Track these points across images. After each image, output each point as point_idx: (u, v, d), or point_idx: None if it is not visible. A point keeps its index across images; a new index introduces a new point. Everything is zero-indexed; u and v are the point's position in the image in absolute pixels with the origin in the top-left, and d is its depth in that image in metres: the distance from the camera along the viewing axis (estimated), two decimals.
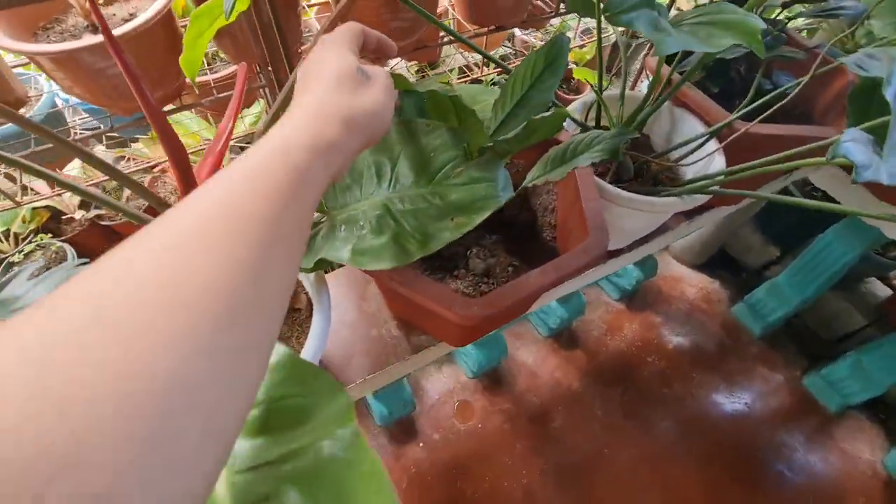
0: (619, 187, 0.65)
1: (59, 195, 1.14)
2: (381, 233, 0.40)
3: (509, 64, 1.03)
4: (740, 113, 0.60)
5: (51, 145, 0.70)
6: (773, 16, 0.72)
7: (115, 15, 0.68)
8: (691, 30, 0.39)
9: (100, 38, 0.60)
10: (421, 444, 1.13)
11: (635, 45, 1.32)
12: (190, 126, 1.26)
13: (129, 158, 1.27)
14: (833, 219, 1.10)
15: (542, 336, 1.30)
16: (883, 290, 1.28)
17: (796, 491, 1.11)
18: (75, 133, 0.72)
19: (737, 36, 0.37)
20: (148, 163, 1.13)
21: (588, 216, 0.52)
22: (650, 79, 0.75)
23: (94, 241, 1.32)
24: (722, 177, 0.59)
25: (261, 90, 0.73)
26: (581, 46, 1.38)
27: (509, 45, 1.83)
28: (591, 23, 1.62)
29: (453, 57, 1.41)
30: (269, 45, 0.57)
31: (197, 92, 0.74)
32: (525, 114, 0.49)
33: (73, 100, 0.87)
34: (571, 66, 1.37)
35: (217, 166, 0.44)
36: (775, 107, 0.57)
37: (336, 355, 0.64)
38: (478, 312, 0.44)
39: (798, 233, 1.28)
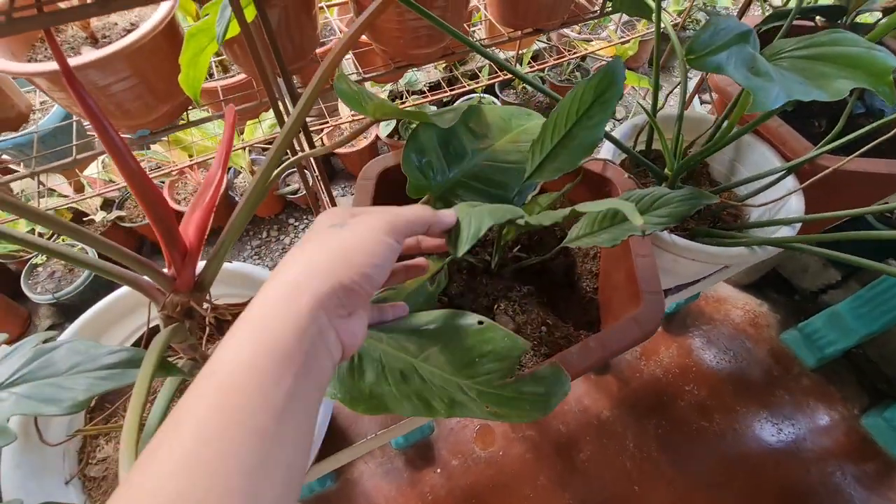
0: (671, 228, 0.56)
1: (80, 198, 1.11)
2: (405, 382, 0.32)
3: (542, 64, 0.93)
4: (828, 147, 0.50)
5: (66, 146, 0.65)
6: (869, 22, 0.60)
7: (116, 24, 0.62)
8: (795, 67, 0.30)
9: (99, 53, 0.55)
10: (438, 470, 1.07)
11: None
12: (209, 129, 1.22)
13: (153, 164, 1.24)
14: None
15: None
16: None
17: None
18: (74, 153, 0.67)
19: (860, 78, 0.28)
20: (162, 168, 1.09)
21: (640, 276, 0.43)
22: (711, 92, 0.64)
23: (115, 240, 1.31)
24: (799, 225, 0.50)
25: (279, 100, 0.67)
26: (623, 42, 1.25)
27: (544, 40, 1.71)
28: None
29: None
30: (276, 57, 0.50)
31: (200, 105, 0.68)
32: (566, 155, 0.41)
33: None
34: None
35: (205, 222, 0.38)
36: (877, 141, 0.47)
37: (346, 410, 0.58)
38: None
39: (865, 255, 1.14)
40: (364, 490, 1.05)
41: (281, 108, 0.67)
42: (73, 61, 0.52)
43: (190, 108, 0.70)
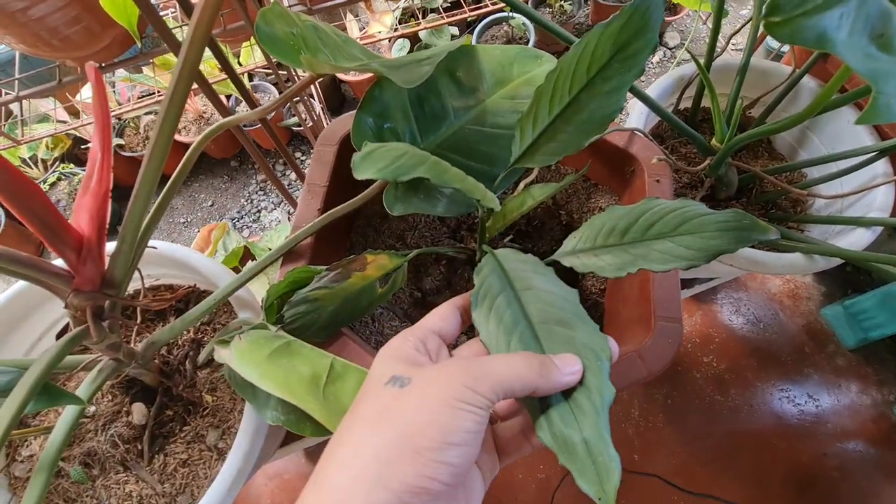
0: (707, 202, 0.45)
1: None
2: None
3: None
4: None
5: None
6: None
7: None
8: None
9: None
10: None
11: None
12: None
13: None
14: None
15: None
16: None
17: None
18: (19, 89, 0.59)
19: None
20: (158, 93, 1.00)
21: (655, 297, 0.34)
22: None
23: (117, 171, 1.26)
24: (881, 229, 0.38)
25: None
26: None
27: None
28: None
29: None
30: None
31: (138, 37, 0.58)
32: (569, 134, 0.31)
33: None
34: None
35: (102, 207, 0.30)
36: None
37: None
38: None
39: None
40: None
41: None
42: None
43: (145, 34, 0.59)
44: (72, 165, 1.23)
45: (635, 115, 0.44)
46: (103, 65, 0.57)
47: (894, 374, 1.11)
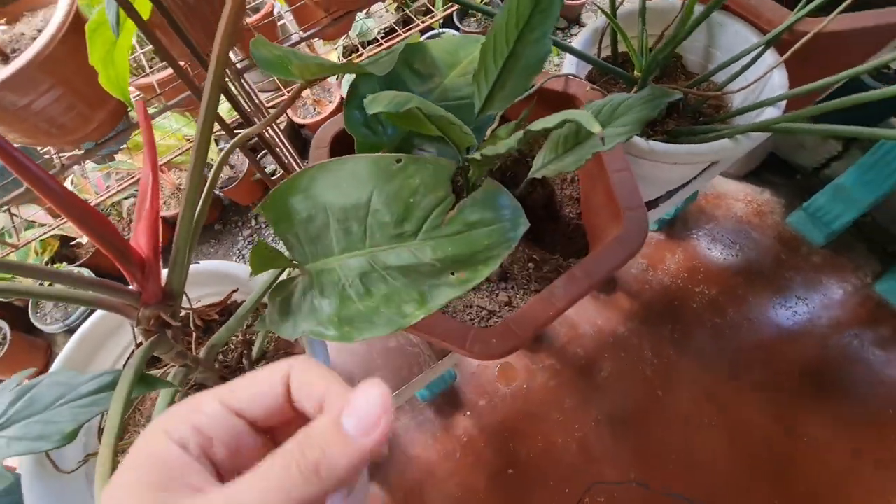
0: (650, 132, 0.53)
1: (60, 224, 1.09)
2: (369, 294, 0.31)
3: None
4: (807, 9, 0.45)
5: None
6: None
7: (23, 34, 0.57)
8: None
9: (9, 69, 0.51)
10: (468, 413, 1.11)
11: None
12: (167, 126, 1.17)
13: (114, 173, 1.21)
14: None
15: None
16: None
17: (877, 404, 1.04)
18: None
19: None
20: (133, 176, 1.06)
21: (618, 194, 0.41)
22: None
23: (108, 262, 1.30)
24: (784, 102, 0.46)
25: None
26: None
27: None
28: None
29: None
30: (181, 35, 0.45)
31: (133, 106, 0.64)
32: (515, 79, 0.38)
33: None
34: None
35: (154, 230, 0.36)
36: None
37: (356, 373, 0.59)
38: (498, 348, 0.37)
39: (863, 120, 1.09)
40: (401, 444, 1.10)
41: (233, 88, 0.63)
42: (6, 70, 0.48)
43: (129, 109, 0.66)
44: (65, 264, 1.26)
45: (567, 66, 0.52)
46: (98, 142, 0.63)
47: (866, 257, 1.21)
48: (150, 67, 0.83)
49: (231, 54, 0.68)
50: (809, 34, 0.45)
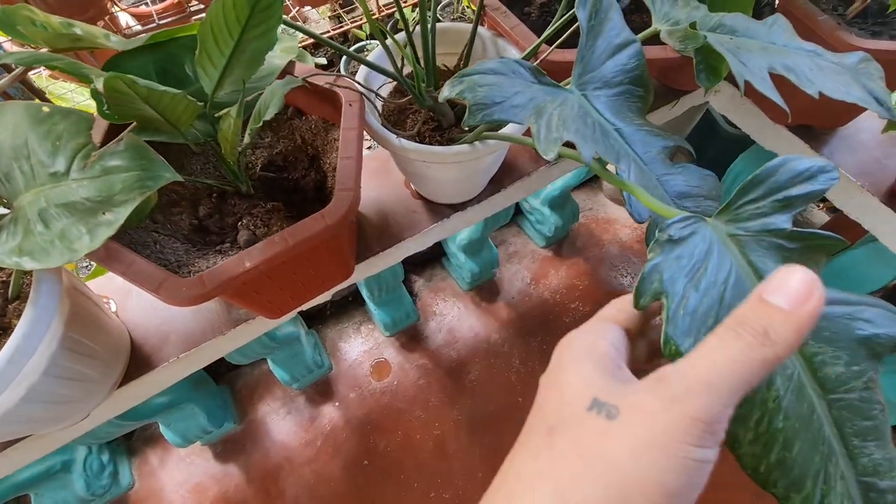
0: (438, 137, 0.60)
1: None
2: (48, 229, 0.36)
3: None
4: (541, 38, 0.53)
5: None
6: None
7: None
8: None
9: None
10: (337, 404, 1.15)
11: None
12: None
13: None
14: (749, 144, 1.01)
15: (464, 290, 1.28)
16: (820, 218, 1.20)
17: None
18: None
19: None
20: None
21: (338, 177, 0.48)
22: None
23: None
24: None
25: None
26: None
27: None
28: None
29: None
30: None
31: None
32: (245, 64, 0.44)
33: None
34: None
35: None
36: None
37: (153, 334, 0.63)
38: (186, 295, 0.42)
39: (724, 161, 1.19)
40: (267, 429, 1.13)
41: None
42: None
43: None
44: None
45: (360, 73, 0.59)
46: None
47: None
48: None
49: None
50: (539, 60, 0.52)
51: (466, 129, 0.58)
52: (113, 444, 1.02)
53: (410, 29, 0.60)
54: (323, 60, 1.49)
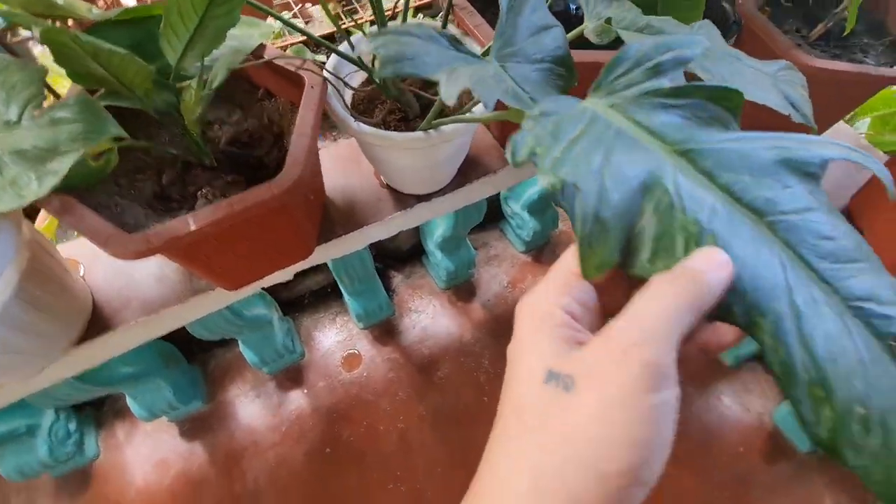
0: (403, 127, 0.62)
1: None
2: (2, 175, 0.39)
3: None
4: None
5: None
6: None
7: None
8: None
9: None
10: (306, 392, 1.17)
11: None
12: None
13: None
14: None
15: (440, 288, 1.30)
16: None
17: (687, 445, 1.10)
18: None
19: None
20: None
21: (291, 150, 0.50)
22: None
23: None
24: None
25: None
26: None
27: None
28: None
29: None
30: None
31: None
32: (208, 41, 0.47)
33: None
34: None
35: None
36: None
37: (115, 297, 0.65)
38: (130, 249, 0.44)
39: None
40: (235, 411, 1.14)
41: None
42: None
43: None
44: None
45: (329, 62, 0.62)
46: None
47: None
48: None
49: None
50: None
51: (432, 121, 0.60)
52: (81, 413, 1.04)
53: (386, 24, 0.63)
54: (324, 58, 1.53)
